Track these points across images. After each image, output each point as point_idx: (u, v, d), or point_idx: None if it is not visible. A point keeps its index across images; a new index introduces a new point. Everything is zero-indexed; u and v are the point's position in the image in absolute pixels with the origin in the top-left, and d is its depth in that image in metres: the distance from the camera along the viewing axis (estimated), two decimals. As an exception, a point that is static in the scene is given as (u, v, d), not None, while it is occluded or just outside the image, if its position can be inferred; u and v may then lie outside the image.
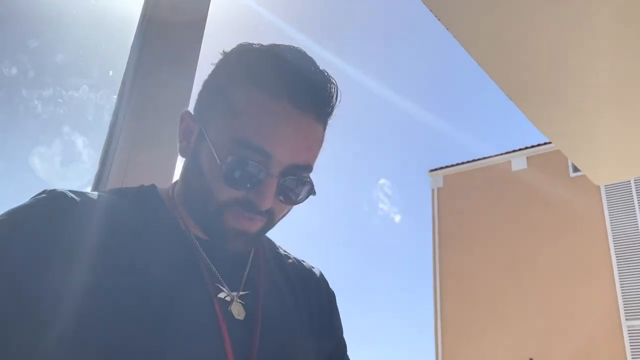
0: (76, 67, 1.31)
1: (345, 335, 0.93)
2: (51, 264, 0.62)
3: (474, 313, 13.04)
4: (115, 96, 1.19)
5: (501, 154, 14.44)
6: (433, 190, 15.16)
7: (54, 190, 0.68)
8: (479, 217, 13.88)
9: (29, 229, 0.64)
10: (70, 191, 0.69)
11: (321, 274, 0.94)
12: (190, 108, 0.81)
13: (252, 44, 0.75)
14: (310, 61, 0.73)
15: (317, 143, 0.74)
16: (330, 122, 0.76)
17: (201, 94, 0.78)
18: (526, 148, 14.02)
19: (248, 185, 0.69)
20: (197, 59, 1.31)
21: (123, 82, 1.20)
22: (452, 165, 15.16)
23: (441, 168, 15.30)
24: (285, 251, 0.92)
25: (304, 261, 0.93)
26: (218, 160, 0.69)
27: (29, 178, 1.23)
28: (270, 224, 0.75)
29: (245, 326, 0.72)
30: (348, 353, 0.93)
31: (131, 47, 1.24)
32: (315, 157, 0.74)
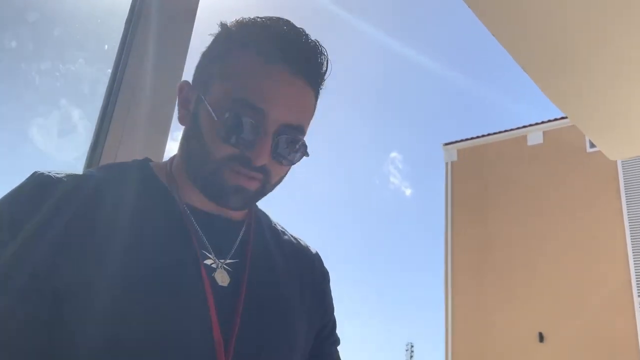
0: (73, 40, 1.34)
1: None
2: (46, 241, 0.66)
3: (484, 287, 13.10)
4: (110, 70, 1.22)
5: (517, 128, 14.25)
6: (447, 163, 15.08)
7: (41, 174, 0.72)
8: (493, 192, 13.81)
9: (19, 213, 0.68)
10: (55, 172, 0.73)
11: (317, 253, 0.96)
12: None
13: (248, 17, 0.80)
14: (302, 31, 0.78)
15: (309, 108, 0.79)
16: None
17: (199, 64, 0.82)
18: (543, 122, 13.82)
19: (244, 142, 0.73)
20: (191, 33, 1.33)
21: (117, 56, 1.22)
22: (467, 139, 15.02)
23: (456, 142, 15.18)
24: (282, 228, 0.94)
25: (300, 239, 0.96)
26: (215, 117, 0.73)
27: (28, 149, 1.27)
28: (267, 185, 0.78)
29: (231, 293, 0.75)
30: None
31: (126, 20, 1.26)
32: (307, 120, 0.79)
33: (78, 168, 1.17)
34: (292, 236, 0.95)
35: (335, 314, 0.97)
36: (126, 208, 0.74)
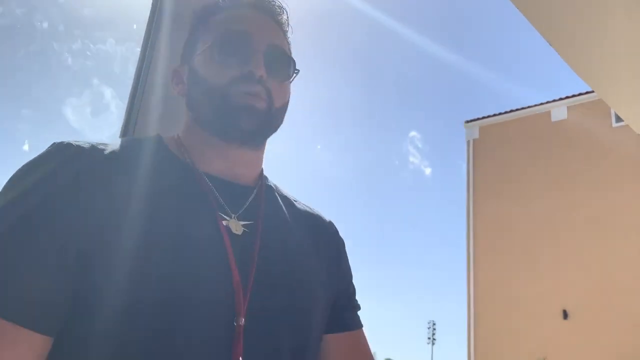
0: (102, 20, 1.35)
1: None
2: (65, 201, 0.69)
3: (507, 264, 13.04)
4: (139, 49, 1.23)
5: (541, 104, 14.00)
6: (468, 141, 14.92)
7: (61, 142, 0.75)
8: (516, 169, 13.65)
9: (40, 175, 0.71)
10: (77, 141, 0.76)
11: (330, 222, 0.98)
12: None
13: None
14: None
15: (284, 41, 0.89)
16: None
17: (183, 49, 0.92)
18: (567, 97, 13.54)
19: (239, 60, 0.82)
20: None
21: (146, 34, 1.23)
22: (489, 116, 14.82)
23: (478, 119, 14.98)
24: (294, 197, 0.97)
25: (314, 208, 0.98)
26: (209, 51, 0.83)
27: (63, 128, 1.29)
28: (273, 108, 0.83)
29: (247, 243, 0.78)
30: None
31: (153, -1, 1.27)
32: (287, 47, 0.89)
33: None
34: (306, 205, 0.97)
35: (357, 294, 0.99)
36: (143, 171, 0.77)
